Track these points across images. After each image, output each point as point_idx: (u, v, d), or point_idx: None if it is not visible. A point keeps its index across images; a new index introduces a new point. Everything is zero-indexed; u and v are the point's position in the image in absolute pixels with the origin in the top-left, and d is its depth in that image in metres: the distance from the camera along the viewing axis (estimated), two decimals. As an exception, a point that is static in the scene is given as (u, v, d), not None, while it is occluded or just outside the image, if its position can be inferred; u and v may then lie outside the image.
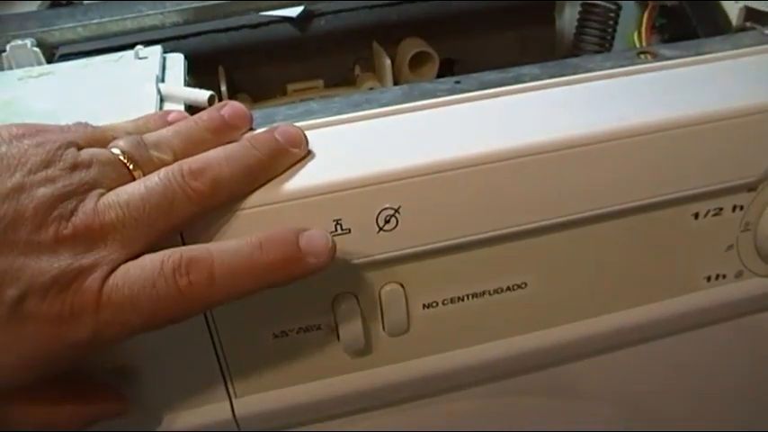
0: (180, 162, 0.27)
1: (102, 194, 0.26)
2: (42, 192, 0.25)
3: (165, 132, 0.30)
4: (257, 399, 0.35)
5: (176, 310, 0.26)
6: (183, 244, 0.29)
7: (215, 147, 0.29)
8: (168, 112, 0.32)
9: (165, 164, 0.28)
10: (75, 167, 0.26)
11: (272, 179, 0.29)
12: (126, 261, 0.25)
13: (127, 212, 0.25)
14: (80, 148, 0.27)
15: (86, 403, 0.29)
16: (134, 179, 0.27)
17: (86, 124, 0.29)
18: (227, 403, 0.35)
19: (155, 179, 0.27)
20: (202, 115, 0.31)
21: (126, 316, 0.25)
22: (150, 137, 0.29)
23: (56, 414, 0.28)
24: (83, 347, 0.25)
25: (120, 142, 0.28)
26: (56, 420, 0.28)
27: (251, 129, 0.32)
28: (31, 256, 0.24)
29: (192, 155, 0.28)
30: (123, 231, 0.25)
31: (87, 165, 0.26)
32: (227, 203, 0.28)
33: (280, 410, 0.35)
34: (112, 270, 0.25)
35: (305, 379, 0.35)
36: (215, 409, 0.34)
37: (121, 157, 0.27)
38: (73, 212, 0.25)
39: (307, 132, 0.32)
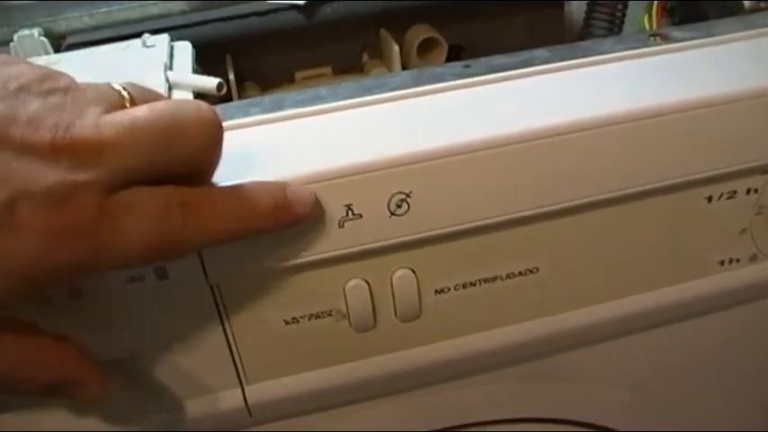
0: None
1: (102, 114, 0.24)
2: (38, 102, 0.23)
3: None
4: (269, 385, 0.35)
5: (177, 245, 0.26)
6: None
7: None
8: None
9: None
10: (69, 88, 0.24)
11: None
12: (124, 185, 0.24)
13: (129, 133, 0.24)
14: None
15: (55, 361, 0.27)
16: None
17: None
18: (239, 390, 0.35)
19: (164, 104, 0.25)
20: None
21: (128, 242, 0.24)
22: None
23: (22, 358, 0.26)
24: (76, 269, 0.24)
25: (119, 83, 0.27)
26: (20, 368, 0.26)
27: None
28: (25, 159, 0.22)
29: None
30: (123, 152, 0.24)
31: (84, 88, 0.25)
32: None
33: (291, 397, 0.35)
34: (111, 191, 0.24)
35: (316, 365, 0.35)
36: (226, 396, 0.35)
37: (116, 87, 0.26)
38: (70, 124, 0.23)
39: (316, 117, 0.32)
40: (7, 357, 0.26)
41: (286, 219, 0.28)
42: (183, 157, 0.25)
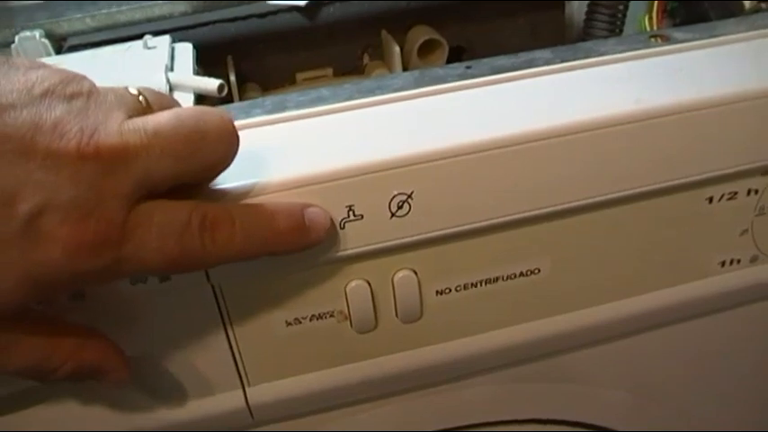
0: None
1: (124, 119, 0.24)
2: (62, 107, 0.23)
3: None
4: (270, 387, 0.35)
5: (194, 262, 0.26)
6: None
7: None
8: None
9: None
10: (91, 92, 0.24)
11: None
12: (148, 195, 0.24)
13: (154, 140, 0.24)
14: None
15: (82, 347, 0.27)
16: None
17: None
18: (241, 391, 0.35)
19: (188, 111, 0.25)
20: None
21: (148, 255, 0.24)
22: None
23: (49, 351, 0.26)
24: (95, 278, 0.24)
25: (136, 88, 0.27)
26: (48, 360, 0.26)
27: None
28: (50, 168, 0.22)
29: None
30: (147, 159, 0.23)
31: (105, 92, 0.25)
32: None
33: (293, 398, 0.35)
34: (135, 201, 0.24)
35: (318, 366, 0.35)
36: (228, 398, 0.35)
37: (133, 91, 0.26)
38: (95, 130, 0.23)
39: (318, 118, 0.32)
40: (34, 352, 0.26)
41: (302, 243, 0.28)
42: (203, 166, 0.26)
